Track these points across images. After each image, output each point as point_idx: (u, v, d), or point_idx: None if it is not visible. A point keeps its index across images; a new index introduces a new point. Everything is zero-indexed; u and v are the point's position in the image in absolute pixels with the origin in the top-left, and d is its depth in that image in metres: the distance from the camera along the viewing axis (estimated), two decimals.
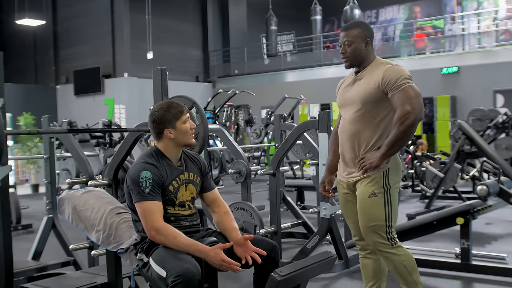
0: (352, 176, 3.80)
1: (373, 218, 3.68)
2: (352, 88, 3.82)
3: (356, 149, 3.76)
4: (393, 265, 3.74)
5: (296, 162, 14.26)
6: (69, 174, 11.01)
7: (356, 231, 3.96)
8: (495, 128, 11.54)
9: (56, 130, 5.82)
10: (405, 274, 3.74)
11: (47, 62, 23.24)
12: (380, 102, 3.67)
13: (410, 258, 3.76)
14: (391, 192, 3.69)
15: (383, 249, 3.71)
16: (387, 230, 3.67)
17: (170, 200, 3.40)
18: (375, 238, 3.70)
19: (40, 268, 5.14)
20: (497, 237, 7.32)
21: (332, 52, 23.73)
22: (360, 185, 3.74)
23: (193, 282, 2.96)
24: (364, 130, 3.72)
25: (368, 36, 3.78)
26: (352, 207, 3.89)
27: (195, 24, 24.63)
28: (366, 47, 3.77)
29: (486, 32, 19.99)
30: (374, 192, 3.67)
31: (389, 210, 3.68)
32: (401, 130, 3.52)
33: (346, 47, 3.79)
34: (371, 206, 3.68)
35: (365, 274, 4.00)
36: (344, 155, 3.87)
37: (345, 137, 3.83)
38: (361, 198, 3.73)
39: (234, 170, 5.81)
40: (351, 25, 3.84)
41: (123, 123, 20.38)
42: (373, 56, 3.82)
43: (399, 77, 3.59)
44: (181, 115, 3.43)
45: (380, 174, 3.67)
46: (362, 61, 3.79)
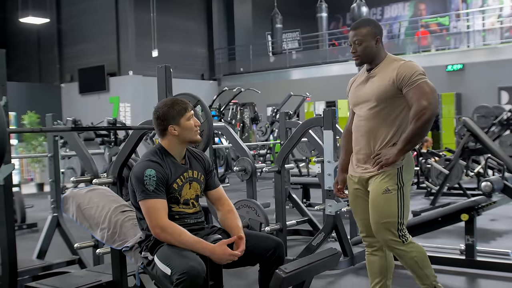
0: (366, 172, 3.79)
1: (385, 215, 3.68)
2: (365, 86, 3.82)
3: (371, 145, 3.76)
4: (405, 261, 3.76)
5: (302, 159, 14.26)
6: (74, 172, 11.04)
7: (363, 228, 3.96)
8: (499, 125, 11.51)
9: (59, 128, 5.82)
10: (417, 270, 3.77)
11: (52, 61, 23.24)
12: (395, 99, 3.67)
13: (422, 254, 3.77)
14: (404, 190, 3.70)
15: (394, 246, 3.72)
16: (399, 227, 3.68)
17: (174, 198, 3.40)
18: (386, 235, 3.70)
19: (45, 267, 5.14)
20: (501, 233, 7.31)
21: (338, 49, 23.71)
22: (374, 181, 3.74)
23: (198, 279, 2.96)
24: (379, 127, 3.72)
25: (377, 34, 3.78)
26: (362, 203, 3.89)
27: (200, 22, 24.61)
28: (377, 45, 3.77)
29: (490, 29, 19.97)
30: (388, 188, 3.66)
31: (402, 207, 3.68)
32: (418, 125, 3.53)
33: (357, 46, 3.77)
34: (385, 203, 3.68)
35: (371, 271, 4.00)
36: (358, 151, 3.86)
37: (360, 134, 3.83)
38: (374, 194, 3.73)
39: (239, 167, 5.81)
40: (360, 24, 3.83)
41: (128, 121, 20.38)
42: (384, 53, 3.82)
43: (414, 73, 3.60)
44: (185, 111, 3.43)
45: (395, 171, 3.68)
46: (374, 59, 3.79)
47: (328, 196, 5.65)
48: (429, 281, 3.80)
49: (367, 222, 3.88)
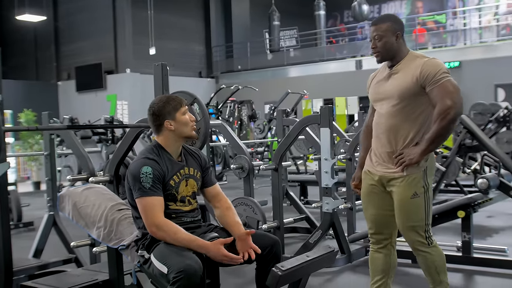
0: (389, 172, 3.74)
1: (413, 218, 3.69)
2: (387, 83, 3.76)
3: (393, 144, 3.71)
4: (425, 263, 3.77)
5: (299, 157, 14.26)
6: (70, 171, 11.04)
7: (372, 224, 3.93)
8: (496, 122, 11.53)
9: (55, 127, 5.81)
10: (433, 273, 3.77)
11: (48, 58, 23.20)
12: (418, 97, 3.62)
13: (442, 259, 3.79)
14: (429, 191, 3.70)
15: (419, 247, 3.73)
16: (426, 228, 3.69)
17: (171, 195, 3.39)
18: (413, 237, 3.71)
19: (41, 266, 5.15)
20: (498, 229, 7.32)
21: (335, 47, 23.74)
22: (400, 184, 3.69)
23: (194, 278, 2.96)
24: (401, 125, 3.68)
25: (398, 29, 3.71)
26: (375, 199, 3.87)
27: (198, 19, 24.60)
28: (397, 41, 3.70)
29: (487, 27, 19.99)
30: (416, 193, 3.65)
31: (428, 209, 3.69)
32: (442, 125, 3.49)
33: (377, 42, 3.72)
34: (414, 207, 3.67)
35: (374, 268, 3.97)
36: (379, 149, 3.81)
37: (381, 131, 3.78)
38: (402, 198, 3.69)
39: (237, 165, 5.81)
40: (381, 19, 3.77)
41: (125, 119, 20.35)
42: (406, 49, 3.77)
43: (438, 71, 3.55)
44: (180, 106, 3.44)
45: (420, 174, 3.65)
46: (395, 55, 3.73)
47: (325, 193, 5.65)
48: (443, 286, 3.81)
49: (377, 218, 3.88)
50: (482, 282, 5.06)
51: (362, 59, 20.85)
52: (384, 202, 3.83)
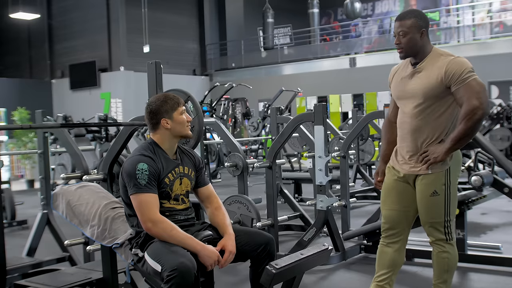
0: (414, 170, 3.76)
1: (433, 215, 3.73)
2: (411, 81, 3.73)
3: (418, 143, 3.71)
4: (437, 257, 3.81)
5: (294, 154, 14.26)
6: (64, 169, 11.00)
7: (388, 219, 3.94)
8: (490, 119, 11.54)
9: (49, 125, 5.79)
10: (441, 270, 3.80)
11: (42, 56, 23.14)
12: (442, 96, 3.60)
13: (454, 259, 3.82)
14: (451, 189, 3.70)
15: (437, 242, 3.79)
16: (445, 224, 3.74)
17: (165, 193, 3.39)
18: (433, 232, 3.78)
19: (35, 265, 5.14)
20: (492, 227, 7.34)
21: (329, 44, 23.74)
22: (421, 181, 3.72)
23: (188, 276, 2.96)
24: (426, 125, 3.66)
25: (423, 26, 3.68)
26: (396, 195, 3.89)
27: (192, 17, 24.56)
28: (422, 38, 3.67)
29: (480, 25, 20.02)
30: (435, 191, 3.67)
31: (449, 206, 3.72)
32: (469, 125, 3.47)
33: (401, 38, 3.69)
34: (432, 205, 3.71)
35: (381, 261, 3.98)
36: (404, 148, 3.81)
37: (406, 131, 3.77)
38: (422, 196, 3.74)
39: (231, 163, 5.80)
40: (406, 15, 3.73)
41: (119, 117, 20.33)
42: (430, 46, 3.73)
43: (464, 70, 3.53)
44: (178, 106, 3.45)
45: (443, 172, 3.66)
46: (418, 52, 3.70)
47: (320, 191, 5.64)
48: (445, 287, 3.83)
49: (393, 214, 3.90)
50: (476, 280, 5.07)
51: (356, 57, 20.86)
52: (404, 198, 3.85)
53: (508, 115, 11.73)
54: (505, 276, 5.07)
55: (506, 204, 8.19)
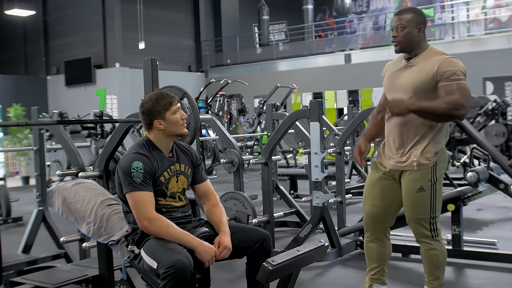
0: (400, 166, 3.80)
1: (418, 211, 3.75)
2: (403, 75, 3.78)
3: (404, 137, 3.76)
4: (426, 255, 3.83)
5: (289, 151, 14.26)
6: (60, 165, 10.98)
7: (369, 215, 4.00)
8: (485, 115, 11.56)
9: (45, 122, 5.78)
10: (431, 267, 3.83)
11: (38, 53, 23.12)
12: (432, 92, 3.63)
13: (443, 255, 3.84)
14: (437, 185, 3.73)
15: (423, 239, 3.81)
16: (431, 221, 3.76)
17: (161, 191, 3.38)
18: (418, 229, 3.79)
19: (31, 262, 5.12)
20: (488, 223, 7.35)
21: (324, 41, 23.72)
22: (408, 177, 3.76)
23: (184, 273, 2.95)
24: (413, 120, 3.69)
25: (421, 23, 3.74)
26: (380, 192, 3.93)
27: (187, 13, 24.54)
28: (419, 33, 3.73)
29: (475, 21, 20.04)
30: (422, 187, 3.70)
31: (435, 202, 3.74)
32: (445, 112, 3.52)
33: (399, 31, 3.73)
34: (419, 201, 3.74)
35: (369, 256, 4.07)
36: (390, 142, 3.86)
37: (393, 125, 3.82)
38: (408, 192, 3.77)
39: (227, 160, 5.80)
40: (405, 10, 3.80)
41: (115, 113, 20.33)
42: (426, 44, 3.79)
43: (457, 71, 3.57)
44: (170, 105, 3.41)
45: (429, 169, 3.70)
46: (414, 47, 3.75)
47: (316, 187, 5.64)
48: (437, 283, 3.86)
49: (374, 210, 3.96)
50: (472, 276, 5.07)
51: (351, 53, 20.86)
52: (387, 195, 3.90)
53: (503, 111, 11.75)
54: (501, 272, 5.08)
55: (501, 200, 8.19)
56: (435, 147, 3.71)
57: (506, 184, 6.38)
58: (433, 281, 3.85)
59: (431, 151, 3.70)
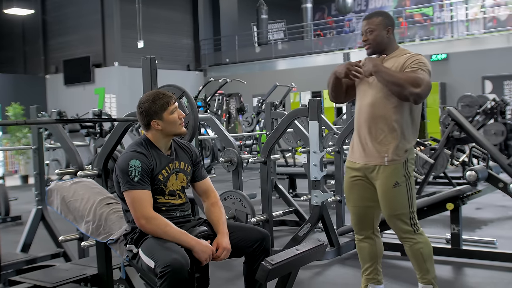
0: (370, 161, 3.84)
1: (397, 207, 3.79)
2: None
3: (373, 132, 3.81)
4: (411, 250, 3.86)
5: (288, 149, 14.26)
6: (58, 164, 10.97)
7: (355, 216, 4.06)
8: (484, 114, 11.59)
9: (43, 120, 5.78)
10: (420, 262, 3.86)
11: (36, 52, 23.11)
12: None
13: (428, 246, 3.87)
14: (411, 179, 3.81)
15: (405, 235, 3.84)
16: (411, 216, 3.80)
17: (159, 189, 3.38)
18: (399, 225, 3.82)
19: (29, 261, 5.11)
20: (487, 221, 7.35)
21: (323, 40, 23.74)
22: (381, 174, 3.80)
23: (181, 272, 2.95)
24: (383, 114, 3.77)
25: (389, 25, 3.85)
26: (357, 191, 3.98)
27: (186, 12, 24.54)
28: (388, 35, 3.84)
29: (474, 20, 20.06)
30: (397, 182, 3.76)
31: (411, 197, 3.80)
32: (406, 83, 3.57)
33: (368, 35, 3.84)
34: (396, 196, 3.78)
35: (362, 256, 4.12)
36: (361, 139, 3.90)
37: (363, 120, 3.87)
38: (384, 189, 3.81)
39: (225, 158, 5.79)
40: (373, 14, 3.90)
41: (114, 112, 20.32)
42: (395, 45, 3.91)
43: (421, 64, 3.68)
44: (167, 105, 3.39)
45: (401, 164, 3.76)
46: (384, 49, 3.86)
47: (314, 186, 5.64)
48: (429, 276, 3.89)
49: (358, 211, 4.02)
50: (471, 275, 5.07)
51: (350, 52, 20.87)
52: (365, 194, 3.94)
53: (502, 110, 11.79)
54: (500, 271, 5.08)
55: (501, 199, 8.19)
56: (406, 145, 3.79)
57: (505, 183, 6.38)
58: (424, 275, 3.88)
59: (401, 148, 3.77)
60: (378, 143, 3.79)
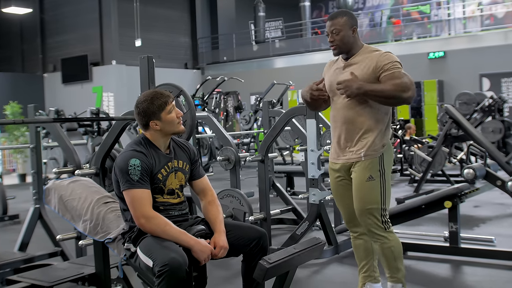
0: (348, 159, 3.85)
1: (369, 201, 3.77)
2: (344, 73, 3.84)
3: (351, 134, 3.82)
4: (382, 249, 3.85)
5: (286, 148, 14.26)
6: (56, 163, 10.97)
7: (346, 215, 4.07)
8: (481, 111, 11.60)
9: (41, 120, 5.77)
10: (390, 259, 3.85)
11: (34, 51, 23.09)
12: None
13: (398, 245, 3.87)
14: (386, 176, 3.80)
15: (376, 231, 3.81)
16: (382, 213, 3.79)
17: (158, 188, 3.37)
18: (370, 220, 3.80)
19: (27, 260, 5.12)
20: (485, 219, 7.35)
21: (320, 38, 23.71)
22: (357, 168, 3.81)
23: (179, 271, 2.95)
24: (358, 115, 3.78)
25: (354, 24, 3.86)
26: (344, 191, 3.98)
27: (183, 11, 24.53)
28: (353, 34, 3.85)
29: (471, 17, 20.07)
30: (371, 176, 3.76)
31: (384, 193, 3.79)
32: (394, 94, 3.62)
33: (334, 35, 3.84)
34: (369, 190, 3.77)
35: (358, 254, 4.11)
36: (339, 140, 3.91)
37: (340, 123, 3.88)
38: (358, 182, 3.81)
39: (223, 157, 5.79)
40: (337, 14, 3.90)
41: (111, 111, 20.31)
42: (360, 43, 3.91)
43: (394, 62, 3.69)
44: (165, 105, 3.38)
45: (376, 159, 3.76)
46: (351, 48, 3.86)
47: (312, 184, 5.64)
48: (399, 275, 3.90)
49: (347, 210, 4.02)
50: (469, 273, 5.07)
51: None
52: (350, 193, 3.92)
53: (499, 108, 11.80)
54: (498, 269, 5.07)
55: (499, 197, 8.20)
56: (382, 140, 3.80)
57: (503, 181, 6.39)
58: (394, 274, 3.89)
59: (378, 143, 3.78)
60: (355, 142, 3.81)
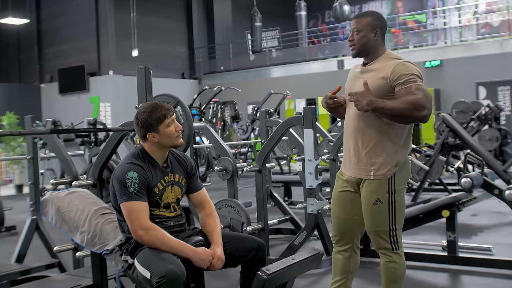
0: (357, 174, 3.70)
1: (377, 224, 3.65)
2: (358, 81, 3.67)
3: (359, 145, 3.66)
4: (384, 268, 3.72)
5: (283, 157, 14.26)
6: (53, 174, 10.96)
7: (335, 226, 3.89)
8: (478, 120, 11.63)
9: (38, 131, 5.77)
10: (389, 280, 3.72)
11: (31, 61, 23.09)
12: (388, 98, 3.49)
13: (402, 268, 3.72)
14: (396, 197, 3.62)
15: (383, 252, 3.70)
16: (391, 234, 3.65)
17: (155, 202, 3.37)
18: (378, 241, 3.69)
19: (24, 271, 5.10)
20: (483, 228, 7.35)
21: (317, 47, 23.78)
22: (365, 188, 3.66)
23: (177, 283, 2.94)
24: (367, 127, 3.61)
25: (378, 27, 3.64)
26: (342, 203, 3.83)
27: (180, 21, 24.55)
28: (375, 38, 3.63)
29: (467, 26, 20.15)
30: (378, 199, 3.60)
31: (393, 214, 3.62)
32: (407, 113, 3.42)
33: (354, 34, 3.66)
34: (376, 213, 3.63)
35: (335, 268, 3.93)
36: (349, 149, 3.77)
37: (350, 131, 3.73)
38: (365, 204, 3.68)
39: (220, 167, 5.78)
40: (363, 13, 3.71)
41: (108, 121, 20.29)
42: (383, 48, 3.69)
43: (411, 74, 3.46)
44: (164, 118, 3.37)
45: (386, 180, 3.59)
46: (370, 52, 3.66)
47: (310, 194, 5.64)
48: None
49: (341, 223, 3.85)
50: (468, 282, 5.07)
51: (344, 59, 20.88)
52: (350, 207, 3.80)
53: (496, 116, 11.83)
54: (497, 278, 5.07)
55: (496, 205, 8.18)
56: (394, 159, 3.61)
57: (500, 190, 6.38)
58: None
59: (389, 162, 3.59)
60: (365, 155, 3.63)
